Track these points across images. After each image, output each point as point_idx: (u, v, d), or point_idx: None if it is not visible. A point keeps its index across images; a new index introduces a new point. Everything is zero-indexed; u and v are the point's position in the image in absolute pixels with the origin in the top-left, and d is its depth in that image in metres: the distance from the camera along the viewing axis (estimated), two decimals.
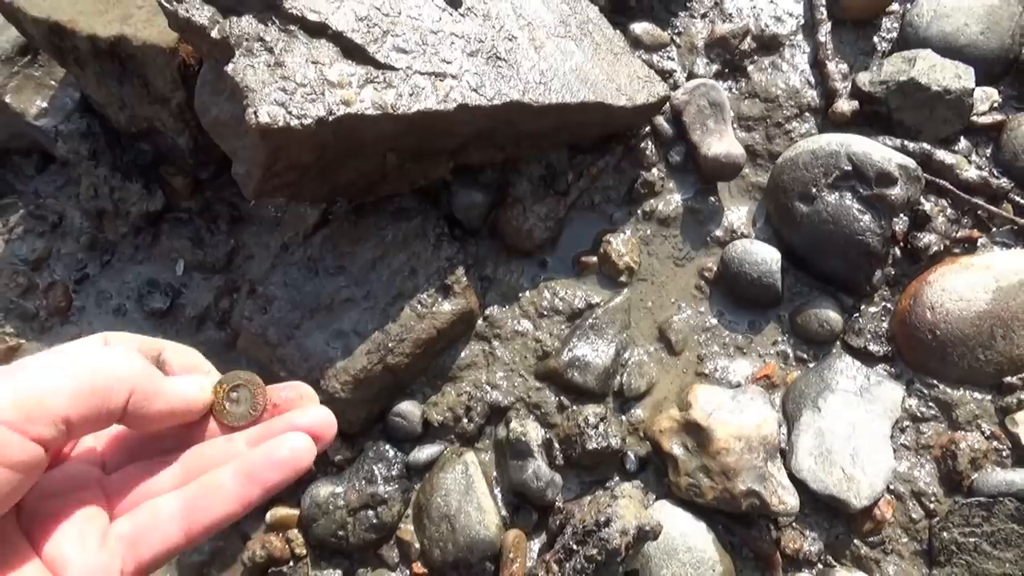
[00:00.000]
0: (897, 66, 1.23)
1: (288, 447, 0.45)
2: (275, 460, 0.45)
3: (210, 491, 0.44)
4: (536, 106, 1.09)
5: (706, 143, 1.25)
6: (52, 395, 0.38)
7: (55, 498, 0.42)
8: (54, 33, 1.15)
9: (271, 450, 0.45)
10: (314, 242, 1.18)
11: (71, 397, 0.39)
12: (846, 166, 1.14)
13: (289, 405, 0.50)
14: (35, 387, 0.38)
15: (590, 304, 1.21)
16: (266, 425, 0.48)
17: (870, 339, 1.16)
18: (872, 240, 1.13)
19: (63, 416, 0.38)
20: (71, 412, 0.38)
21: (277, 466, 0.44)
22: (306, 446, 0.46)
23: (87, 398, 0.39)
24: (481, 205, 1.23)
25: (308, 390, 0.50)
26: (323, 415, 0.48)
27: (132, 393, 0.42)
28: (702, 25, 1.38)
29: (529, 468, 1.09)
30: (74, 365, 0.40)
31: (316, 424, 0.47)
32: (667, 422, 1.10)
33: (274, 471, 0.44)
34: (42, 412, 0.37)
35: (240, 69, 0.93)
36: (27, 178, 1.40)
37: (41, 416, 0.37)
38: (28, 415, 0.37)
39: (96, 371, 0.40)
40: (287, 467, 0.45)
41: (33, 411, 0.37)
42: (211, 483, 0.44)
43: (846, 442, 1.06)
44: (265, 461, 0.45)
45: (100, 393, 0.40)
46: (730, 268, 1.19)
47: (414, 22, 1.05)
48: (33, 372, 0.39)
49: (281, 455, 0.45)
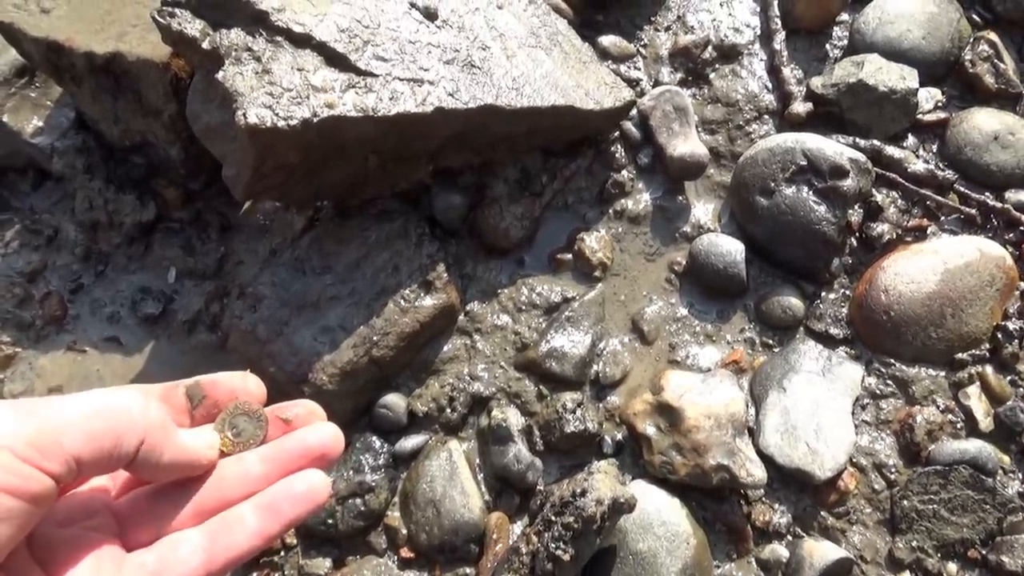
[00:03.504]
0: (847, 69, 1.32)
1: (306, 482, 0.47)
2: (294, 495, 0.47)
3: (232, 526, 0.45)
4: (509, 109, 1.16)
5: (672, 145, 1.32)
6: (68, 434, 0.39)
7: (67, 527, 0.43)
8: (52, 51, 1.21)
9: (290, 486, 0.47)
10: (301, 244, 1.23)
11: (86, 438, 0.39)
12: (801, 161, 1.22)
13: (299, 422, 0.51)
14: (53, 424, 0.39)
15: (566, 298, 1.27)
16: (278, 445, 0.49)
17: (830, 323, 1.22)
18: (828, 229, 1.20)
19: (76, 455, 0.39)
20: (84, 453, 0.39)
21: (297, 501, 0.47)
22: (323, 483, 0.48)
23: (100, 441, 0.40)
24: (460, 206, 1.29)
25: (316, 406, 0.52)
26: (332, 432, 0.50)
27: (143, 442, 0.42)
28: (666, 37, 1.47)
29: (510, 452, 1.14)
30: (93, 407, 0.41)
31: (326, 442, 0.49)
32: (641, 405, 1.15)
33: (294, 506, 0.47)
34: (57, 450, 0.38)
35: (230, 76, 0.99)
36: (23, 195, 1.45)
37: (56, 453, 0.38)
38: (43, 450, 0.38)
39: (113, 416, 0.41)
40: (306, 502, 0.47)
41: (48, 447, 0.38)
42: (232, 518, 0.46)
43: (810, 419, 1.12)
44: (285, 496, 0.47)
45: (113, 438, 0.41)
46: (698, 260, 1.26)
47: (393, 33, 1.12)
48: (55, 409, 0.40)
49: (299, 490, 0.47)
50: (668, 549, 1.04)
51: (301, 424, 0.51)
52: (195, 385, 0.50)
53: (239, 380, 0.51)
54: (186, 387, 0.49)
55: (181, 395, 0.49)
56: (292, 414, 0.51)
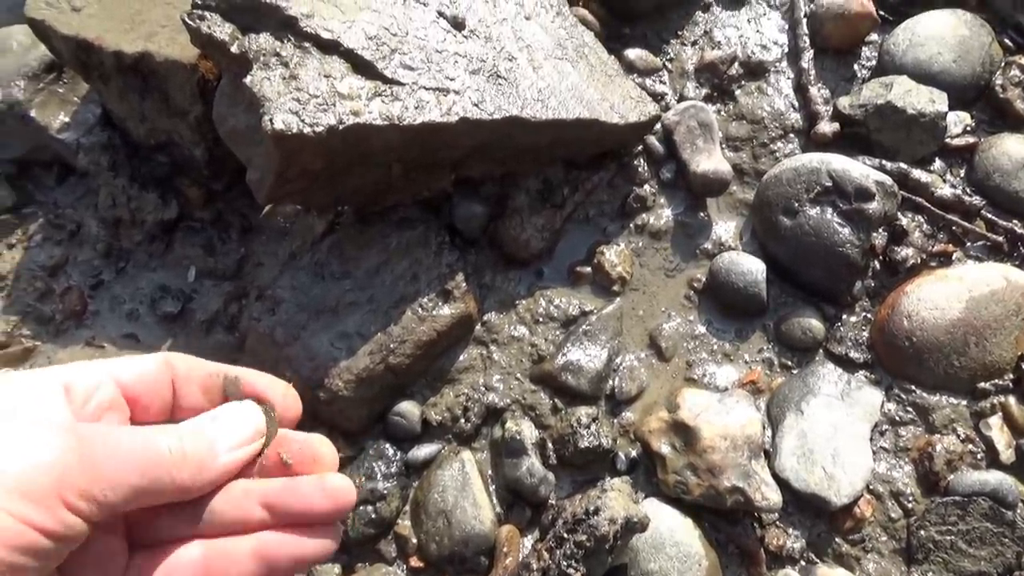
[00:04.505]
0: (875, 91, 1.31)
1: (312, 545, 0.46)
2: (295, 555, 0.46)
3: (227, 559, 0.45)
4: (534, 121, 1.15)
5: (695, 161, 1.32)
6: (116, 488, 0.39)
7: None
8: (81, 49, 1.22)
9: (295, 544, 0.46)
10: (322, 248, 1.24)
11: (129, 494, 0.40)
12: (827, 182, 1.21)
13: (301, 465, 0.48)
14: (103, 475, 0.39)
15: (584, 312, 1.26)
16: (282, 490, 0.47)
17: (851, 346, 1.21)
18: (851, 252, 1.19)
19: (115, 506, 0.40)
20: (122, 506, 0.40)
21: (296, 561, 0.46)
22: (325, 548, 0.47)
23: (140, 499, 0.41)
24: (481, 216, 1.29)
25: (324, 449, 0.49)
26: (341, 487, 0.47)
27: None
28: (692, 52, 1.46)
29: (523, 465, 1.13)
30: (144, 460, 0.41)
31: (334, 499, 0.47)
32: (656, 423, 1.14)
33: (291, 563, 0.46)
34: (99, 499, 0.39)
35: (257, 81, 1.00)
36: (47, 189, 1.47)
37: (97, 503, 0.39)
38: (88, 497, 0.38)
39: (157, 476, 0.42)
40: (306, 562, 0.46)
41: (93, 497, 0.38)
42: (228, 551, 0.45)
43: (827, 443, 1.11)
44: (284, 550, 0.46)
45: (154, 496, 0.42)
46: (718, 279, 1.25)
47: (420, 42, 1.12)
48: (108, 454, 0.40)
49: (304, 552, 0.46)
50: (680, 570, 1.03)
51: (303, 468, 0.48)
52: (235, 382, 0.50)
53: (280, 391, 0.52)
54: (225, 379, 0.50)
55: (218, 384, 0.49)
56: (295, 451, 0.48)
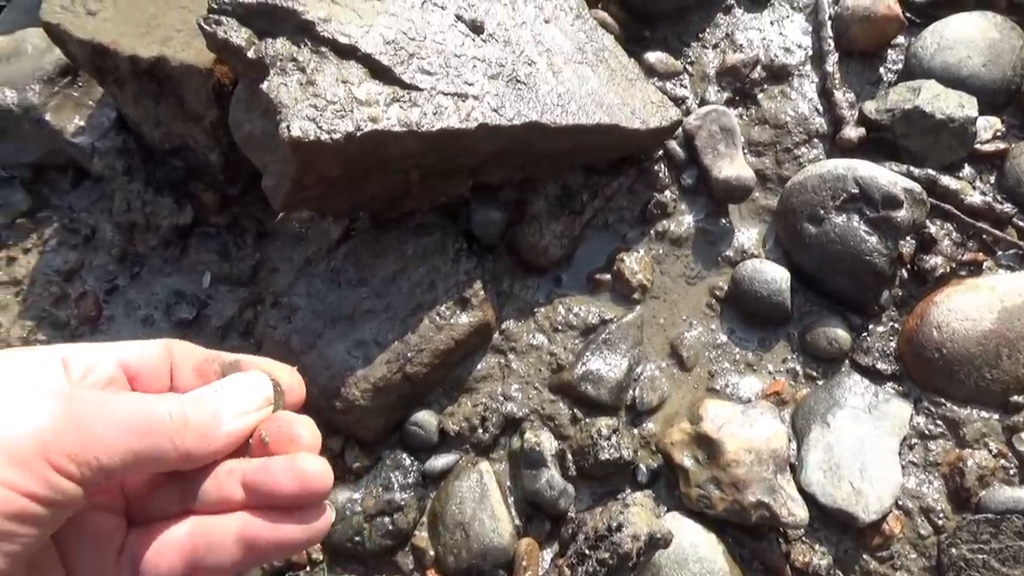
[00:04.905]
0: (902, 95, 1.28)
1: (292, 530, 0.44)
2: (276, 539, 0.44)
3: (212, 541, 0.44)
4: (553, 127, 1.13)
5: (717, 166, 1.29)
6: (110, 451, 0.39)
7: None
8: (97, 54, 1.21)
9: (276, 528, 0.44)
10: (337, 255, 1.22)
11: (125, 457, 0.39)
12: (853, 189, 1.18)
13: (277, 444, 0.45)
14: (95, 438, 0.38)
15: (603, 320, 1.24)
16: (257, 469, 0.45)
17: (878, 357, 1.18)
18: (879, 260, 1.16)
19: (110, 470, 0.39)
20: (119, 470, 0.39)
21: (278, 547, 0.44)
22: (307, 534, 0.44)
23: (138, 464, 0.40)
24: (499, 222, 1.27)
25: (302, 429, 0.46)
26: (311, 469, 0.44)
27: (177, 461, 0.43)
28: (713, 55, 1.43)
29: (543, 478, 1.11)
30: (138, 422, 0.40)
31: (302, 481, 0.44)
32: (678, 435, 1.12)
33: (273, 548, 0.44)
34: (93, 464, 0.38)
35: (274, 87, 0.98)
36: (62, 193, 1.46)
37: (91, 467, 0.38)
38: (79, 462, 0.38)
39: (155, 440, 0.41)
40: (288, 547, 0.45)
41: (86, 461, 0.38)
42: (214, 533, 0.44)
43: (855, 457, 1.08)
44: (266, 533, 0.44)
45: (151, 463, 0.41)
46: (741, 287, 1.22)
47: (438, 46, 1.10)
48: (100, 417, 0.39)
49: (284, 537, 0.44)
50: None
51: (281, 447, 0.45)
52: (235, 365, 0.49)
53: (285, 374, 0.50)
54: (223, 364, 0.48)
55: (213, 369, 0.48)
56: (275, 428, 0.46)
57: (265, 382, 0.48)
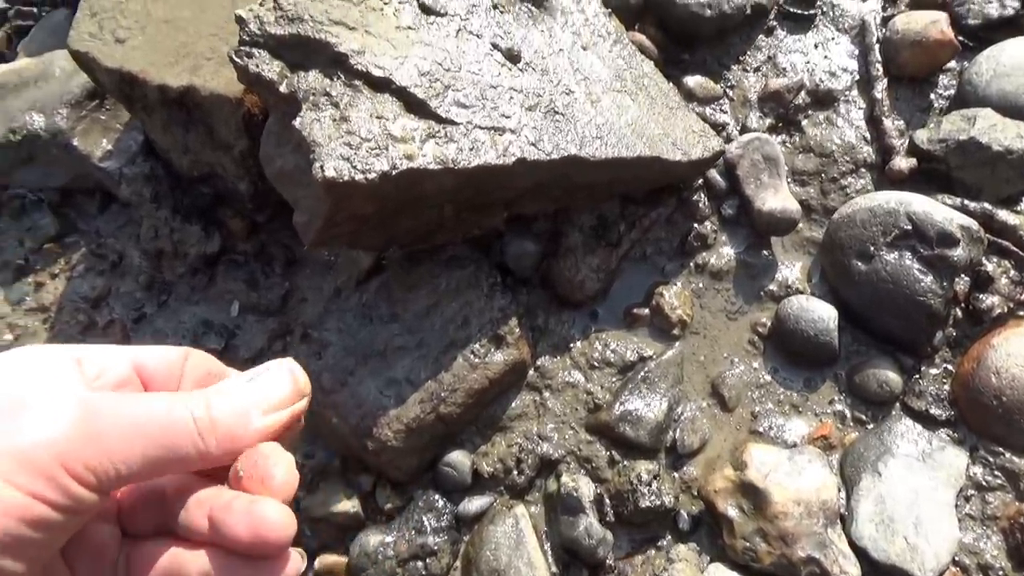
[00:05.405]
0: (956, 124, 1.22)
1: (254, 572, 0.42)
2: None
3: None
4: (592, 160, 1.09)
5: (760, 197, 1.24)
6: (127, 459, 0.39)
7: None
8: (125, 82, 1.18)
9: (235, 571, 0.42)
10: (369, 288, 1.19)
11: (142, 464, 0.39)
12: (906, 225, 1.13)
13: (249, 481, 0.43)
14: (113, 445, 0.38)
15: (642, 357, 1.20)
16: (221, 507, 0.42)
17: (931, 402, 1.13)
18: (934, 302, 1.11)
19: (127, 477, 0.39)
20: (135, 476, 0.39)
21: None
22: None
23: (153, 469, 0.40)
24: (533, 254, 1.23)
25: (277, 471, 0.43)
26: (267, 518, 0.41)
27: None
28: (755, 79, 1.38)
29: (580, 525, 1.07)
30: (155, 428, 0.40)
31: (255, 529, 0.41)
32: (722, 482, 1.08)
33: None
34: (110, 472, 0.38)
35: (307, 123, 0.95)
36: (89, 217, 1.44)
37: (107, 475, 0.38)
38: (95, 470, 0.38)
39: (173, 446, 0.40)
40: None
41: (102, 469, 0.38)
42: (182, 568, 0.43)
43: (908, 510, 1.03)
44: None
45: (166, 467, 0.41)
46: (786, 324, 1.18)
47: (474, 77, 1.07)
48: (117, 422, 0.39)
49: None
50: None
51: (249, 484, 0.43)
52: None
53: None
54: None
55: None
56: (249, 463, 0.43)
57: (299, 371, 0.46)
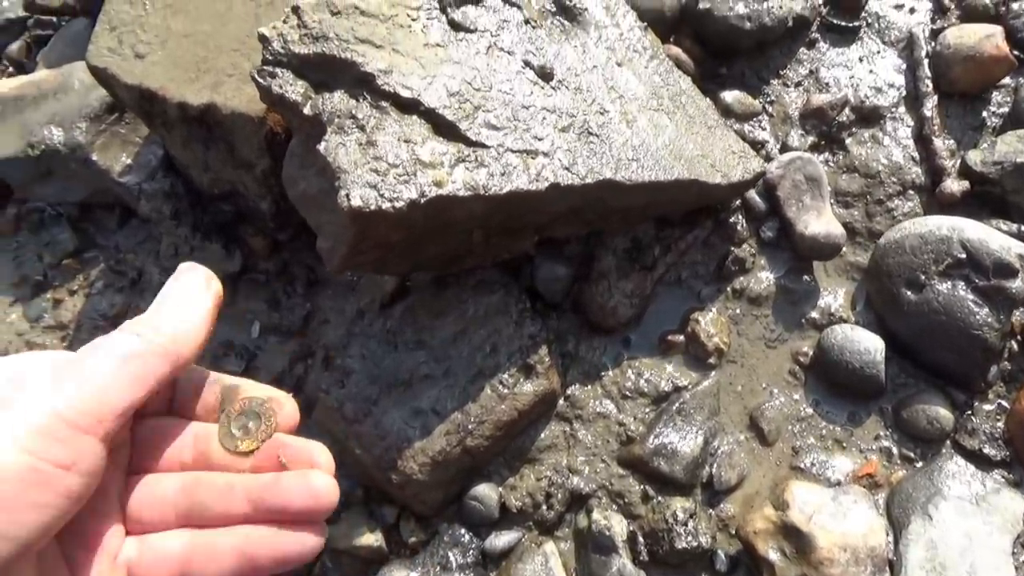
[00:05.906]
0: (1012, 145, 1.16)
1: (294, 544, 0.45)
2: (277, 553, 0.45)
3: (209, 554, 0.45)
4: (628, 184, 1.04)
5: (803, 220, 1.19)
6: (111, 393, 0.41)
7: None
8: (145, 99, 1.15)
9: (277, 542, 0.45)
10: (393, 314, 1.15)
11: (129, 389, 0.42)
12: (959, 254, 1.07)
13: (296, 467, 0.47)
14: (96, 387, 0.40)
15: (677, 387, 1.15)
16: (267, 484, 0.46)
17: (985, 440, 1.07)
18: (990, 336, 1.05)
19: (121, 412, 0.41)
20: (129, 408, 0.42)
21: (278, 561, 0.45)
22: (308, 547, 0.45)
23: (141, 391, 0.42)
24: (564, 279, 1.19)
25: (321, 457, 0.47)
26: (323, 485, 0.46)
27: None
28: (796, 94, 1.32)
29: (613, 566, 1.03)
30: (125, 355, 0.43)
31: (315, 495, 0.45)
32: (762, 522, 1.03)
33: (272, 563, 0.45)
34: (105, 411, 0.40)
35: (332, 148, 0.91)
36: (108, 232, 1.42)
37: (105, 416, 0.40)
38: (93, 415, 0.39)
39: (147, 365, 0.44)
40: (288, 562, 0.45)
41: (97, 412, 0.40)
42: (211, 546, 0.45)
43: (962, 556, 0.98)
44: (266, 548, 0.45)
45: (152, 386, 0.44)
46: (829, 355, 1.12)
47: (506, 97, 1.02)
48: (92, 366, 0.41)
49: (286, 551, 0.45)
50: None
51: (297, 467, 0.47)
52: (234, 390, 0.49)
53: (281, 399, 0.50)
54: (223, 389, 0.49)
55: (215, 393, 0.49)
56: (291, 453, 0.47)
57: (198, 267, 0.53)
